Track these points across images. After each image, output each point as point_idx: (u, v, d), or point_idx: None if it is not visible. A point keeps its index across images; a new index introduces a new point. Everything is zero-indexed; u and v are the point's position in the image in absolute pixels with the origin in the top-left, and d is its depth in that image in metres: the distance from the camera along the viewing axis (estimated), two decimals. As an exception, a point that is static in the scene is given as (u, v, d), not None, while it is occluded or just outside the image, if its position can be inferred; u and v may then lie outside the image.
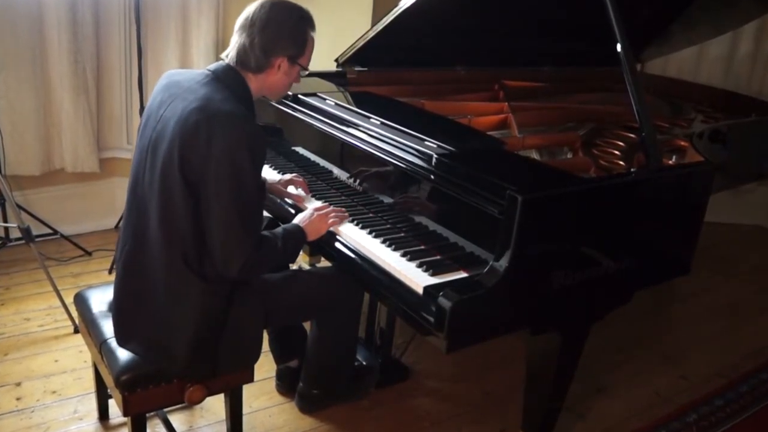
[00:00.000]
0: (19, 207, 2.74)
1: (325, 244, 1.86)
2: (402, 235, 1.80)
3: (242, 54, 1.65)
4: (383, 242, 1.76)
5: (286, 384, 2.26)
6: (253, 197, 1.59)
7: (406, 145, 1.84)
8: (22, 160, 2.97)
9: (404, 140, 1.85)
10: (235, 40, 1.67)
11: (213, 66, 1.69)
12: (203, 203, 1.55)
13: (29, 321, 2.57)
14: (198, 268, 1.60)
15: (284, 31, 1.66)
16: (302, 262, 2.01)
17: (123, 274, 1.70)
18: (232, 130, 1.53)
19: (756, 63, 3.85)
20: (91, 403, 2.11)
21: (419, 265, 1.64)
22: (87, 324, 1.85)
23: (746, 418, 2.36)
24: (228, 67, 1.67)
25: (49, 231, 3.08)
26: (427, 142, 1.82)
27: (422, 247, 1.73)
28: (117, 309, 1.73)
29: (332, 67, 2.60)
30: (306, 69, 1.75)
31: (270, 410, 2.19)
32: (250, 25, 1.64)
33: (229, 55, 1.68)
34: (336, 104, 2.17)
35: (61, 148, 3.07)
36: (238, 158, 1.52)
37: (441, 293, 1.48)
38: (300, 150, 2.29)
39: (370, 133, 1.95)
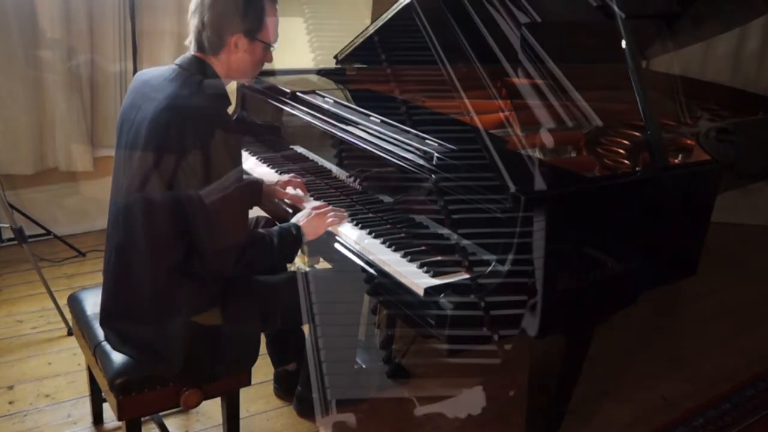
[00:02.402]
0: (12, 207, 2.71)
1: (324, 244, 1.82)
2: (402, 235, 1.77)
3: (198, 36, 1.61)
4: (383, 243, 1.73)
5: (284, 388, 2.23)
6: (234, 190, 1.55)
7: (406, 143, 1.81)
8: (14, 159, 2.94)
9: (404, 138, 1.83)
10: (191, 24, 1.63)
11: (179, 59, 1.65)
12: (185, 202, 1.52)
13: (22, 323, 2.54)
14: (186, 269, 1.57)
15: (232, 6, 1.59)
16: (300, 263, 1.99)
17: (110, 284, 1.68)
18: (203, 124, 1.50)
19: (763, 60, 3.82)
20: (85, 407, 2.08)
21: (420, 266, 1.61)
22: (81, 326, 1.83)
23: (754, 422, 2.34)
24: (192, 57, 1.64)
25: (42, 231, 3.05)
26: (428, 141, 1.79)
27: (423, 247, 1.70)
28: (109, 316, 1.70)
29: (331, 64, 2.58)
30: (271, 44, 1.68)
31: (268, 414, 2.16)
32: (200, 5, 1.59)
33: (191, 41, 1.64)
34: (335, 102, 2.15)
35: (54, 147, 3.04)
36: (213, 152, 1.50)
37: (442, 295, 1.45)
38: (298, 149, 2.27)
39: (370, 132, 1.92)
